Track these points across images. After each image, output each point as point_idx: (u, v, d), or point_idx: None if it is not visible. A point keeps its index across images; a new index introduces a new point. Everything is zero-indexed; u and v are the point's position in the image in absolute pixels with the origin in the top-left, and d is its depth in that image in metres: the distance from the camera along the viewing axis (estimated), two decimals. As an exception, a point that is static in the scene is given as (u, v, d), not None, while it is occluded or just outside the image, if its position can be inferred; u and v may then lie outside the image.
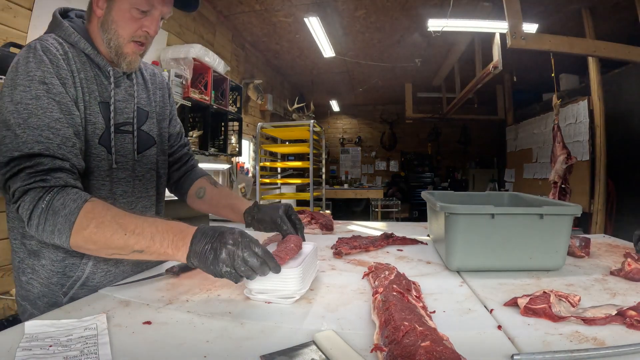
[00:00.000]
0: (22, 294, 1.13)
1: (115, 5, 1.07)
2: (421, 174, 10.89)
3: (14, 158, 0.92)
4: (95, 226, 0.90)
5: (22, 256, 1.11)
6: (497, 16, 4.40)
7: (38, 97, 0.96)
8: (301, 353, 0.71)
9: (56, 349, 0.69)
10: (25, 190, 0.91)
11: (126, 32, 1.10)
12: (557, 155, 3.47)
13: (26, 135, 0.93)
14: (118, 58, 1.13)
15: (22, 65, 0.98)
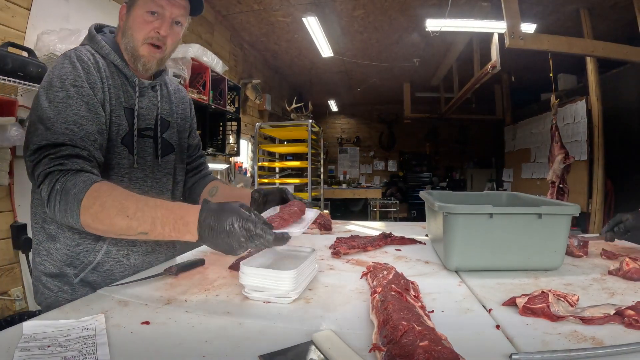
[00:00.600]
0: (35, 274, 1.23)
1: (132, 13, 1.21)
2: (419, 174, 10.90)
3: (41, 147, 1.01)
4: (100, 205, 0.95)
5: (41, 239, 1.20)
6: (496, 16, 4.41)
7: (69, 96, 1.07)
8: (300, 353, 0.71)
9: (54, 349, 0.68)
10: (46, 173, 0.99)
11: (140, 34, 1.20)
12: (555, 155, 3.48)
13: (54, 128, 1.03)
14: (135, 61, 1.23)
15: (58, 69, 1.10)
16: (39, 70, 2.16)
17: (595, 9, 4.69)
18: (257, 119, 6.94)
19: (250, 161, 6.36)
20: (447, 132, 10.85)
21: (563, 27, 5.09)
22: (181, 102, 1.50)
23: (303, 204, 1.22)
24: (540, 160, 6.86)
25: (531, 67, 6.64)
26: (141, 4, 1.19)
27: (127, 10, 1.22)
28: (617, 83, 4.90)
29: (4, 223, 2.34)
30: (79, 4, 2.77)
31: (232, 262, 1.31)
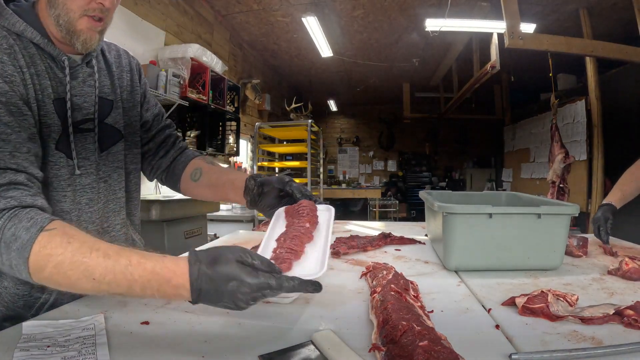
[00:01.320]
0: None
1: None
2: (419, 174, 10.90)
3: None
4: (54, 267, 0.70)
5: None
6: (495, 16, 4.41)
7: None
8: (299, 353, 0.71)
9: (54, 350, 0.68)
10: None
11: (76, 4, 0.92)
12: (555, 155, 3.48)
13: None
14: (71, 37, 0.95)
15: None
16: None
17: (594, 8, 4.69)
18: (256, 118, 6.94)
19: (249, 161, 6.35)
20: (447, 132, 10.84)
21: (562, 27, 5.09)
22: (125, 72, 1.18)
23: (314, 207, 0.97)
24: (539, 160, 6.86)
25: (531, 67, 6.64)
26: None
27: None
28: (617, 83, 4.90)
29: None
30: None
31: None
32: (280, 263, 0.76)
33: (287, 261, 0.78)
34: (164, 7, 3.99)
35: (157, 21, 3.81)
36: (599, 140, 4.63)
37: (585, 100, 5.04)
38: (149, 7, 3.71)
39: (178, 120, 3.99)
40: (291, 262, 0.78)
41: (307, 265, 0.78)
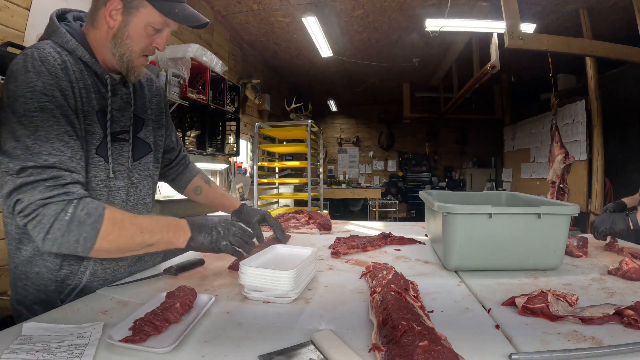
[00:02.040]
0: (17, 298, 1.13)
1: (131, 21, 1.08)
2: (419, 174, 10.89)
3: (26, 167, 0.91)
4: (119, 230, 0.99)
5: (17, 262, 1.10)
6: (495, 16, 4.41)
7: (42, 109, 0.96)
8: (299, 353, 0.71)
9: (41, 356, 0.68)
10: (45, 203, 0.91)
11: (139, 47, 1.12)
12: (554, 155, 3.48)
13: (38, 147, 0.93)
14: (128, 71, 1.15)
15: (21, 74, 0.96)
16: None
17: (594, 9, 4.69)
18: (256, 119, 6.94)
19: (249, 161, 6.36)
20: (447, 132, 10.84)
21: (562, 27, 5.09)
22: (155, 96, 1.38)
23: (192, 294, 0.98)
24: (539, 160, 6.87)
25: (530, 67, 6.64)
26: (147, 14, 1.09)
27: (125, 11, 1.08)
28: (617, 83, 4.91)
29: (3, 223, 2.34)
30: (79, 4, 2.76)
31: (231, 262, 1.31)
32: (138, 333, 0.75)
33: (145, 333, 0.76)
34: (163, 7, 3.99)
35: (157, 21, 3.81)
36: (599, 140, 4.63)
37: (585, 100, 5.04)
38: (148, 7, 3.70)
39: (178, 120, 3.99)
40: (148, 334, 0.76)
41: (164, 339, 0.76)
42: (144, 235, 1.03)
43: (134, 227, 1.02)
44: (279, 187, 5.41)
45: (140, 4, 1.07)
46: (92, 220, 0.95)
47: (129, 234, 1.01)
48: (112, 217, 0.99)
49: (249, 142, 6.55)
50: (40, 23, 2.43)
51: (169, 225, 1.09)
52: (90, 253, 0.97)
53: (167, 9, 1.09)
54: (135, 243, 1.03)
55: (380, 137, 11.28)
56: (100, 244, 0.96)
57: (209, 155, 4.72)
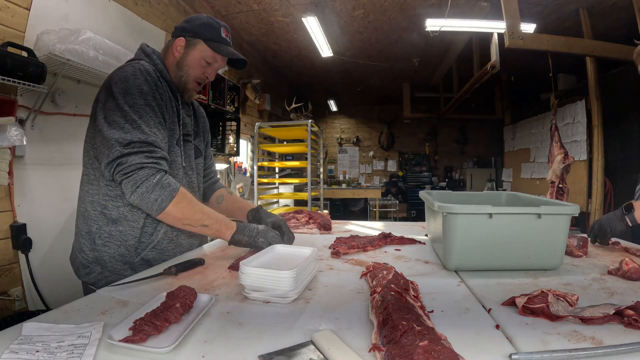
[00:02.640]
0: (93, 256, 1.40)
1: (190, 53, 1.50)
2: (419, 174, 10.89)
3: (133, 141, 1.26)
4: (187, 203, 1.35)
5: (101, 224, 1.40)
6: (495, 16, 4.41)
7: (147, 104, 1.33)
8: (299, 353, 0.71)
9: (41, 356, 0.68)
10: (141, 167, 1.26)
11: (194, 73, 1.52)
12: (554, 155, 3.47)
13: (143, 128, 1.29)
14: (183, 91, 1.54)
15: (132, 79, 1.33)
16: (38, 70, 2.16)
17: (594, 8, 4.69)
18: (256, 118, 6.94)
19: (249, 161, 6.35)
20: (447, 132, 10.84)
21: (562, 27, 5.09)
22: (202, 117, 1.78)
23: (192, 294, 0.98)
24: (539, 160, 6.87)
25: (531, 67, 6.64)
26: (201, 49, 1.49)
27: (187, 46, 1.49)
28: (617, 83, 4.90)
29: (4, 223, 2.34)
30: (79, 4, 2.76)
31: (231, 263, 1.31)
32: (138, 333, 0.75)
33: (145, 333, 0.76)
34: (164, 7, 3.99)
35: (157, 21, 3.81)
36: (599, 140, 4.63)
37: (585, 100, 5.03)
38: (149, 7, 3.71)
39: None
40: (148, 334, 0.76)
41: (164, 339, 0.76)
42: (204, 216, 1.37)
43: (198, 206, 1.38)
44: (279, 187, 5.41)
45: (198, 42, 1.49)
46: (171, 189, 1.30)
47: (193, 210, 1.36)
48: (185, 192, 1.35)
49: (249, 142, 6.55)
50: (40, 23, 2.43)
51: (223, 219, 1.42)
52: (161, 214, 1.31)
53: (216, 47, 1.49)
54: (195, 218, 1.36)
55: (380, 137, 11.27)
56: (171, 207, 1.30)
57: (209, 155, 4.72)
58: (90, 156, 1.41)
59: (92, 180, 1.41)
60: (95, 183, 1.40)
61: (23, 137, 2.14)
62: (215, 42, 1.50)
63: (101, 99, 1.34)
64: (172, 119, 1.47)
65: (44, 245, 2.55)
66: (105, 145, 1.28)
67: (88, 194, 1.42)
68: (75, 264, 1.46)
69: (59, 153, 2.66)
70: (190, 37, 1.50)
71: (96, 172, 1.39)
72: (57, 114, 2.63)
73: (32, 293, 2.47)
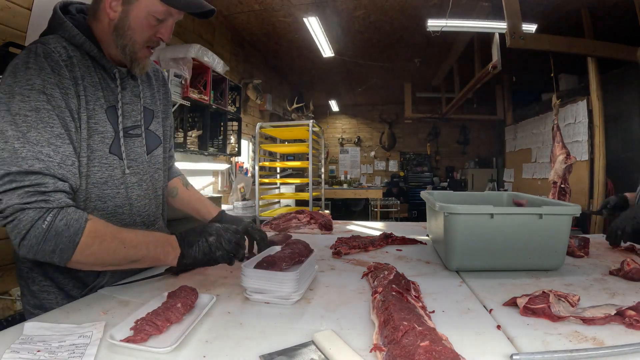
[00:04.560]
0: (34, 302, 1.10)
1: (131, 11, 1.05)
2: (420, 174, 10.89)
3: (10, 173, 0.87)
4: (99, 244, 0.94)
5: (30, 265, 1.10)
6: (496, 16, 4.41)
7: (38, 109, 0.92)
8: (300, 353, 0.71)
9: (42, 355, 0.68)
10: (22, 208, 0.87)
11: (142, 38, 1.08)
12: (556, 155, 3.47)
13: (26, 151, 0.89)
14: (131, 63, 1.11)
15: (22, 71, 0.93)
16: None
17: (596, 8, 4.68)
18: (258, 119, 6.94)
19: (251, 161, 6.36)
20: (448, 132, 10.84)
21: (564, 27, 5.08)
22: (162, 86, 1.37)
23: (193, 293, 0.96)
24: (541, 161, 6.85)
25: (532, 67, 6.63)
26: (145, 4, 1.05)
27: (124, 2, 1.04)
28: (618, 83, 4.89)
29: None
30: (80, 4, 2.76)
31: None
32: (139, 333, 0.75)
33: (146, 332, 0.76)
34: (165, 7, 3.99)
35: (159, 21, 3.81)
36: (601, 140, 4.62)
37: (586, 100, 5.03)
38: (150, 8, 3.71)
39: (179, 120, 3.99)
40: (149, 334, 0.76)
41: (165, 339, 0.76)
42: (128, 251, 0.98)
43: (116, 242, 0.96)
44: (280, 187, 5.41)
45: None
46: (71, 232, 0.90)
47: (111, 248, 0.95)
48: (94, 229, 0.93)
49: (250, 142, 6.55)
50: (41, 23, 2.43)
51: (156, 241, 1.03)
52: (67, 264, 0.93)
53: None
54: (118, 258, 0.97)
55: (381, 137, 11.28)
56: (78, 257, 0.92)
57: (211, 155, 4.73)
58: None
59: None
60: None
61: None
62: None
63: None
64: (100, 116, 1.07)
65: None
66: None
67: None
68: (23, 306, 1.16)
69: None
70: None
71: None
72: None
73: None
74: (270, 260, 1.05)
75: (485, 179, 9.71)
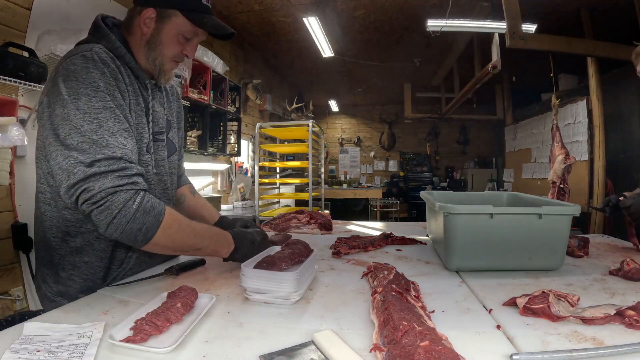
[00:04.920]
0: (57, 289, 1.17)
1: (163, 29, 1.18)
2: (420, 174, 10.88)
3: (96, 160, 0.97)
4: (177, 227, 1.07)
5: (63, 253, 1.16)
6: (496, 16, 4.40)
7: (105, 107, 1.02)
8: (300, 353, 0.71)
9: (42, 355, 0.68)
10: (115, 191, 0.97)
11: (170, 53, 1.22)
12: (555, 155, 3.47)
13: (105, 141, 0.99)
14: (159, 74, 1.25)
15: (83, 75, 1.02)
16: (39, 70, 2.16)
17: (595, 9, 4.68)
18: (257, 119, 6.94)
19: (250, 161, 6.35)
20: (448, 132, 10.84)
21: (564, 27, 5.08)
22: (175, 100, 1.50)
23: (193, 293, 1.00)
24: (540, 161, 6.85)
25: (532, 67, 6.63)
26: (176, 22, 1.18)
27: (158, 19, 1.17)
28: (618, 83, 4.89)
29: (5, 223, 2.34)
30: (80, 3, 2.76)
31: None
32: (139, 333, 0.75)
33: (146, 332, 0.76)
34: (165, 7, 3.99)
35: (159, 21, 3.81)
36: (600, 140, 4.62)
37: (586, 100, 5.03)
38: (150, 8, 3.71)
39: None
40: (149, 334, 0.76)
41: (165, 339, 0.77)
42: (196, 239, 1.12)
43: (189, 229, 1.11)
44: (280, 187, 5.40)
45: (173, 13, 1.17)
46: (156, 212, 1.02)
47: (185, 233, 1.09)
48: (172, 213, 1.07)
49: (250, 142, 6.55)
50: (41, 23, 2.44)
51: (217, 235, 1.20)
52: (147, 244, 1.03)
53: (197, 19, 1.18)
54: (188, 242, 1.11)
55: (381, 137, 11.28)
56: (159, 235, 1.03)
57: (210, 155, 4.73)
58: (44, 170, 1.13)
59: (48, 199, 1.14)
60: (52, 203, 1.14)
61: (24, 137, 2.14)
62: (196, 11, 1.18)
63: (47, 102, 1.05)
64: (140, 118, 1.19)
65: (45, 245, 2.55)
66: (61, 168, 0.99)
67: (45, 216, 1.16)
68: (40, 294, 1.23)
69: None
70: (162, 6, 1.16)
71: (52, 191, 1.13)
72: (58, 114, 2.63)
73: (33, 293, 2.47)
74: (270, 261, 1.06)
75: (485, 179, 9.72)
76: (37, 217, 1.20)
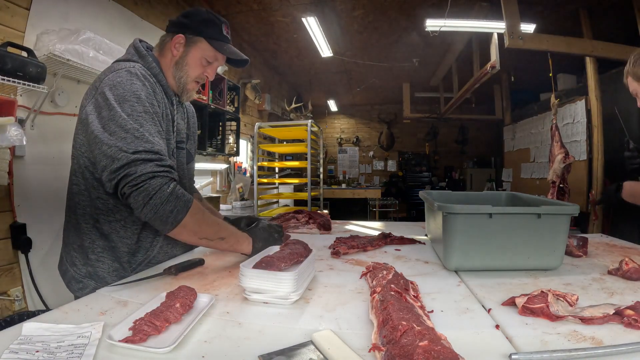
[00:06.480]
0: (86, 271, 1.34)
1: (190, 52, 1.42)
2: (419, 174, 10.88)
3: (139, 150, 1.15)
4: (202, 214, 1.24)
5: (94, 237, 1.34)
6: (495, 16, 4.40)
7: (146, 112, 1.23)
8: (299, 353, 0.71)
9: (41, 356, 0.68)
10: (154, 176, 1.15)
11: (194, 73, 1.45)
12: (554, 155, 3.47)
13: (145, 138, 1.18)
14: (182, 92, 1.47)
15: (128, 85, 1.23)
16: (38, 70, 2.16)
17: (594, 9, 4.68)
18: (256, 118, 6.94)
19: (249, 161, 6.35)
20: (447, 132, 10.83)
21: (562, 27, 5.08)
22: (192, 116, 1.69)
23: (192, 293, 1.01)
24: (539, 160, 6.86)
25: (531, 67, 6.63)
26: (202, 48, 1.42)
27: (186, 44, 1.41)
28: (617, 83, 4.89)
29: (4, 223, 2.34)
30: (79, 3, 2.76)
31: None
32: (138, 333, 0.75)
33: (145, 333, 0.76)
34: (163, 7, 3.99)
35: (157, 21, 3.81)
36: (599, 140, 4.62)
37: (585, 100, 5.03)
38: (149, 7, 3.71)
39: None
40: (148, 334, 0.76)
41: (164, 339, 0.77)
42: (220, 228, 1.29)
43: (212, 218, 1.28)
44: (279, 187, 5.40)
45: (199, 40, 1.41)
46: (186, 198, 1.19)
47: (209, 222, 1.26)
48: (197, 204, 1.24)
49: (249, 142, 6.55)
50: (40, 23, 2.43)
51: (235, 231, 1.35)
52: (175, 228, 1.18)
53: (218, 46, 1.43)
54: (212, 230, 1.27)
55: (380, 137, 11.27)
56: (188, 219, 1.19)
57: (209, 155, 4.72)
58: (81, 165, 1.31)
59: (82, 190, 1.33)
60: (86, 194, 1.32)
61: (23, 137, 2.14)
62: (218, 40, 1.43)
63: (94, 107, 1.24)
64: (168, 127, 1.39)
65: (44, 245, 2.55)
66: (106, 155, 1.16)
67: (79, 205, 1.34)
68: (67, 277, 1.38)
69: (59, 153, 2.65)
70: (191, 34, 1.41)
71: (87, 183, 1.31)
72: (57, 114, 2.63)
73: (32, 293, 2.47)
74: (268, 260, 1.06)
75: (484, 178, 9.71)
76: (70, 207, 1.38)
